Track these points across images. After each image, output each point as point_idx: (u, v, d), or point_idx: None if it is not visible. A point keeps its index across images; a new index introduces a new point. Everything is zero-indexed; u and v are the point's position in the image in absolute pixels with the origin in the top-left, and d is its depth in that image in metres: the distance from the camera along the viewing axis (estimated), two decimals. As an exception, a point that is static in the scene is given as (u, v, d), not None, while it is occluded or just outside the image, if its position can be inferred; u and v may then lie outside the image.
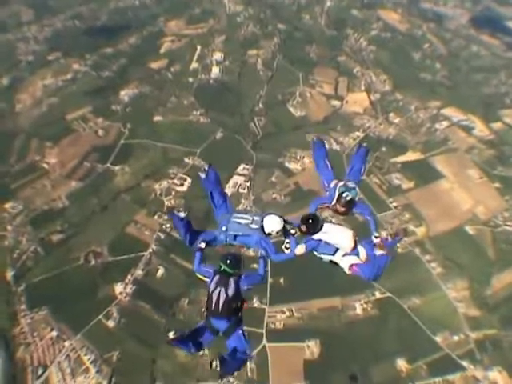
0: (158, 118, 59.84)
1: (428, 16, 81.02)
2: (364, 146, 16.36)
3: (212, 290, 11.92)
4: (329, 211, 14.61)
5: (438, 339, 42.54)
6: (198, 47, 70.52)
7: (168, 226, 48.53)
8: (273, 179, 53.22)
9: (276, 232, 13.51)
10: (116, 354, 40.37)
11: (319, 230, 13.28)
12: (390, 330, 43.06)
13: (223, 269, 12.17)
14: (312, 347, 41.80)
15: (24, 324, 41.89)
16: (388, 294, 44.78)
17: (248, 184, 51.96)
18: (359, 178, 15.41)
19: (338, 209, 13.82)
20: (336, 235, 13.29)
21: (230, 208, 14.17)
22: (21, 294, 43.47)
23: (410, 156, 56.57)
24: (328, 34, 75.22)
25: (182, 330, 12.38)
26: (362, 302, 44.33)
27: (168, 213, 47.69)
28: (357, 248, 13.48)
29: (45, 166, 54.15)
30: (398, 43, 74.46)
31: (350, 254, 13.41)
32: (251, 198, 51.15)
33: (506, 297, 45.41)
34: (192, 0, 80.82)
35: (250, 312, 42.85)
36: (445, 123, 60.54)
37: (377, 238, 13.52)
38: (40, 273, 44.91)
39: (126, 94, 63.03)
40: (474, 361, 41.42)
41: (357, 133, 58.31)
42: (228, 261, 12.26)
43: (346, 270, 13.58)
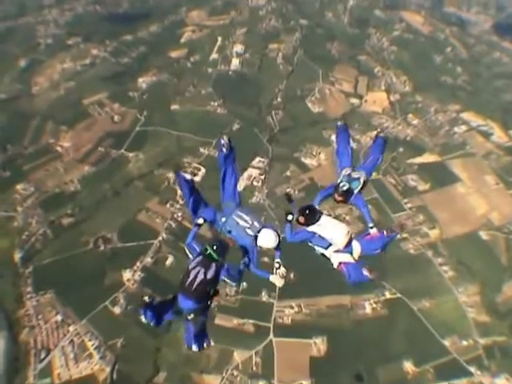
0: (175, 107, 59.56)
1: (451, 20, 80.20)
2: (381, 135, 15.84)
3: (192, 268, 11.51)
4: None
5: (447, 343, 41.94)
6: (219, 38, 70.11)
7: (180, 214, 48.36)
8: (287, 173, 52.86)
9: (267, 248, 12.85)
10: (120, 341, 40.26)
11: (315, 222, 12.81)
12: (399, 331, 42.53)
13: (209, 253, 11.72)
14: (319, 344, 41.41)
15: (29, 306, 41.85)
16: (398, 295, 44.29)
17: (262, 177, 51.58)
18: (372, 169, 14.86)
19: (336, 197, 13.39)
20: (330, 230, 12.92)
21: (236, 196, 13.46)
22: (27, 276, 43.45)
23: (427, 158, 55.92)
24: (350, 33, 74.63)
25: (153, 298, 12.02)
26: (371, 301, 43.81)
27: (175, 173, 47.29)
28: (350, 245, 12.92)
29: (59, 149, 54.14)
30: (419, 45, 73.65)
31: (343, 251, 12.79)
32: (265, 191, 50.75)
33: (517, 304, 44.76)
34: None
35: (257, 305, 42.66)
36: (463, 127, 59.75)
37: (372, 228, 13.45)
38: (48, 256, 44.83)
39: (144, 81, 62.85)
40: (482, 367, 40.81)
41: (374, 132, 56.81)
42: (215, 247, 11.81)
43: (335, 266, 12.97)
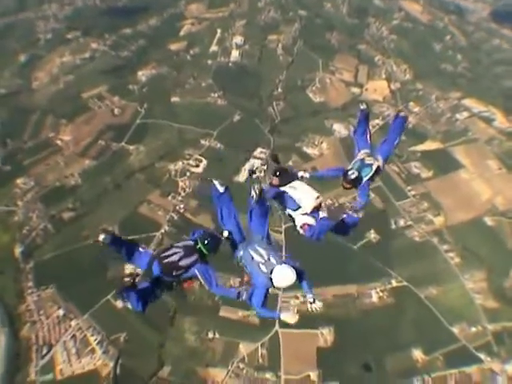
0: (175, 99, 59.28)
1: (449, 8, 79.69)
2: (402, 114, 15.37)
3: (176, 245, 11.39)
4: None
5: (455, 330, 41.64)
6: (218, 30, 69.78)
7: (182, 206, 48.10)
8: (290, 163, 52.18)
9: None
10: (123, 335, 39.97)
11: (287, 184, 12.66)
12: (406, 319, 42.22)
13: (199, 247, 11.44)
14: (326, 335, 41.06)
15: (30, 302, 41.55)
16: (405, 283, 43.95)
17: (265, 167, 51.15)
18: (390, 151, 14.54)
19: (344, 185, 13.28)
20: (301, 193, 12.73)
21: (243, 235, 12.87)
22: (28, 271, 43.17)
23: (430, 145, 55.63)
24: (349, 22, 74.21)
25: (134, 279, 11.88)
26: (378, 290, 43.50)
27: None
28: (318, 212, 13.35)
29: (59, 142, 53.89)
30: (419, 34, 73.31)
31: (309, 215, 13.06)
32: (267, 181, 50.12)
33: (524, 289, 44.42)
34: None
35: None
36: (465, 114, 59.41)
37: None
38: (49, 250, 44.57)
39: (143, 74, 62.57)
40: (492, 353, 40.48)
41: (376, 120, 57.06)
42: (206, 241, 11.53)
43: (298, 228, 13.31)
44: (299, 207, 13.05)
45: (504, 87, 64.29)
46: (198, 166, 51.35)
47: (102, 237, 11.61)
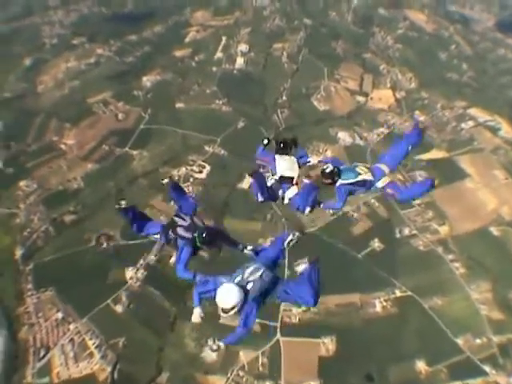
0: (179, 105, 59.12)
1: (455, 18, 79.64)
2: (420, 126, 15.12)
3: (178, 216, 11.61)
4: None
5: (460, 342, 40.66)
6: (223, 38, 69.85)
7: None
8: (294, 171, 52.06)
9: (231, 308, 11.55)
10: (122, 340, 39.16)
11: (281, 153, 13.02)
12: (410, 329, 41.46)
13: (194, 235, 11.45)
14: (328, 344, 40.30)
15: (29, 304, 40.93)
16: (409, 293, 43.26)
17: (269, 175, 50.92)
18: (395, 162, 14.65)
19: (323, 180, 15.39)
20: (283, 167, 13.04)
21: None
22: (28, 273, 42.62)
23: (435, 154, 55.05)
24: (354, 31, 74.33)
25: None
26: (381, 299, 42.76)
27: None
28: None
29: (62, 146, 53.81)
30: (424, 43, 73.22)
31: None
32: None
33: (531, 301, 43.79)
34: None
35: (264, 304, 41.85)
36: (470, 123, 58.97)
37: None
38: (50, 253, 44.14)
39: (148, 80, 62.50)
40: (497, 366, 39.44)
41: (381, 129, 57.24)
42: (203, 235, 11.54)
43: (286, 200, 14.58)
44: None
45: (510, 97, 63.77)
46: (201, 171, 51.11)
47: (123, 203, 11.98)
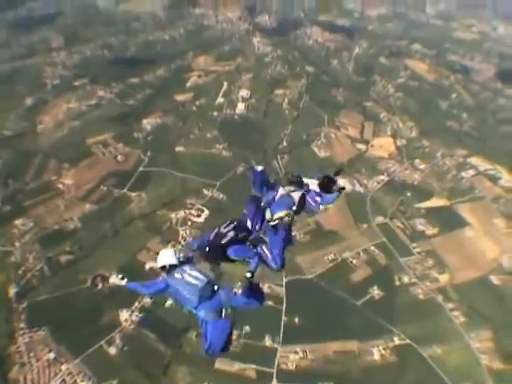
0: (179, 149, 59.36)
1: (455, 68, 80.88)
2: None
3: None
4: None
5: (460, 391, 40.04)
6: (225, 83, 70.53)
7: (181, 255, 47.24)
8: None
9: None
10: (115, 383, 38.23)
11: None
12: (409, 378, 40.63)
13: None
14: (325, 392, 39.50)
15: (21, 343, 40.29)
16: (408, 341, 42.58)
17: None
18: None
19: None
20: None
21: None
22: (21, 312, 42.09)
23: (435, 202, 55.22)
24: (355, 80, 75.22)
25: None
26: (380, 347, 42.09)
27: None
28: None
29: (60, 186, 53.73)
30: (425, 92, 74.05)
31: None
32: (270, 234, 49.74)
33: (531, 351, 43.06)
34: (221, 38, 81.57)
35: (260, 350, 41.12)
36: (471, 171, 59.34)
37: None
38: (44, 292, 43.69)
39: (148, 122, 62.92)
40: (498, 417, 39.03)
41: (381, 176, 57.31)
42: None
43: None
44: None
45: (510, 146, 64.12)
46: (199, 215, 50.83)
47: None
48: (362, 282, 46.67)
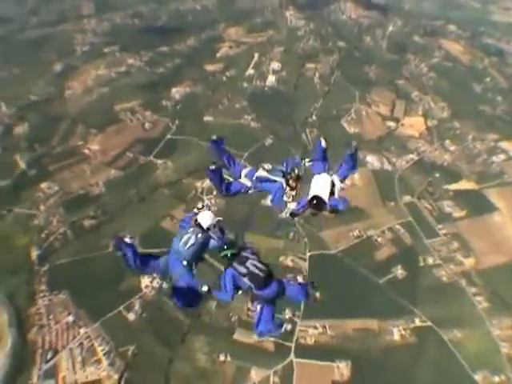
0: (207, 118, 59.09)
1: (491, 50, 79.03)
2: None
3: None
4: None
5: (478, 378, 39.31)
6: (256, 55, 69.87)
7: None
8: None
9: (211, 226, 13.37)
10: (132, 348, 38.55)
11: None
12: (428, 361, 40.07)
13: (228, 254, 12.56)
14: (342, 369, 39.10)
15: (41, 305, 40.70)
16: (428, 323, 42.02)
17: (293, 193, 50.15)
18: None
19: (295, 185, 14.72)
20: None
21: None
22: (42, 275, 42.48)
23: (464, 185, 54.25)
24: (388, 57, 73.93)
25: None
26: (400, 327, 41.60)
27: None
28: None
29: (86, 151, 54.01)
30: (459, 73, 72.51)
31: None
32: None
33: (553, 341, 42.27)
34: (254, 10, 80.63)
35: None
36: (502, 156, 58.09)
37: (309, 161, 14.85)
38: (66, 256, 43.95)
39: (177, 91, 62.67)
40: (514, 406, 38.38)
41: (410, 155, 56.56)
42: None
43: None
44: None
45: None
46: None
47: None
48: (386, 261, 46.17)
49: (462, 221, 50.62)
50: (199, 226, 13.12)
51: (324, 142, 15.04)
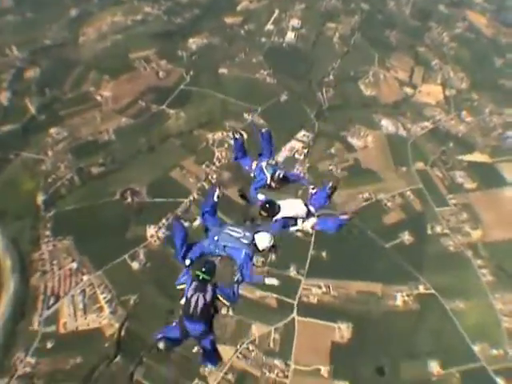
0: (223, 71, 58.37)
1: (515, 26, 77.50)
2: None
3: (190, 296, 12.11)
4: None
5: (476, 349, 39.49)
6: (276, 10, 68.41)
7: (214, 177, 46.94)
8: (332, 151, 51.35)
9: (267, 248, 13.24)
10: (134, 297, 38.81)
11: (278, 212, 13.75)
12: (428, 328, 40.30)
13: (201, 277, 12.05)
14: (343, 330, 39.38)
15: (45, 250, 40.91)
16: (432, 291, 42.02)
17: (305, 151, 49.88)
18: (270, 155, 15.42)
19: (274, 186, 14.54)
20: (290, 208, 13.92)
21: (219, 221, 13.99)
22: (48, 220, 42.56)
23: (477, 157, 53.68)
24: (411, 23, 72.38)
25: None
26: (403, 293, 41.66)
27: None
28: (310, 211, 14.21)
29: (98, 98, 53.59)
30: (481, 46, 71.02)
31: (308, 218, 14.09)
32: (306, 165, 49.16)
33: (554, 318, 42.17)
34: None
35: (284, 280, 40.75)
36: (517, 132, 57.07)
37: (313, 189, 14.77)
38: (72, 202, 44.05)
39: (194, 42, 61.85)
40: (510, 380, 38.30)
41: (426, 123, 56.01)
42: (203, 268, 12.29)
43: (311, 231, 14.26)
44: (297, 219, 13.95)
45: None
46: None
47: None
48: (394, 226, 46.05)
49: (473, 192, 50.23)
50: (254, 246, 13.04)
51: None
